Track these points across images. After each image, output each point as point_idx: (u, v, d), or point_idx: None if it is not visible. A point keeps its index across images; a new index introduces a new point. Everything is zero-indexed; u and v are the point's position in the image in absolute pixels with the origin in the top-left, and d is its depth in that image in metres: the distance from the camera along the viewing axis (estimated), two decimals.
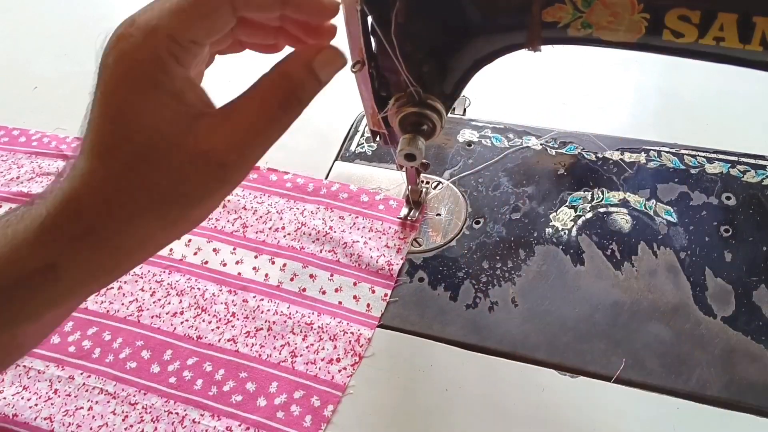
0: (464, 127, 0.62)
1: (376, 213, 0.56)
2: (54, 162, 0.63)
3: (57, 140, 0.65)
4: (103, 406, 0.46)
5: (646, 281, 0.48)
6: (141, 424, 0.45)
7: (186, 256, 0.54)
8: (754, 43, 0.34)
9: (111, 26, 0.32)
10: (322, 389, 0.46)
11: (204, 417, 0.45)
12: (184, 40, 0.31)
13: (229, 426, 0.45)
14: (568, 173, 0.56)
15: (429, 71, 0.40)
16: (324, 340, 0.48)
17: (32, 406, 0.46)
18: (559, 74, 0.69)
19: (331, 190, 0.58)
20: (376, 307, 0.50)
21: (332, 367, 0.47)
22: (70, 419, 0.45)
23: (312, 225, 0.55)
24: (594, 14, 0.35)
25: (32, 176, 0.62)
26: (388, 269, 0.51)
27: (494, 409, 0.43)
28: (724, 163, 0.55)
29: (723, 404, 0.42)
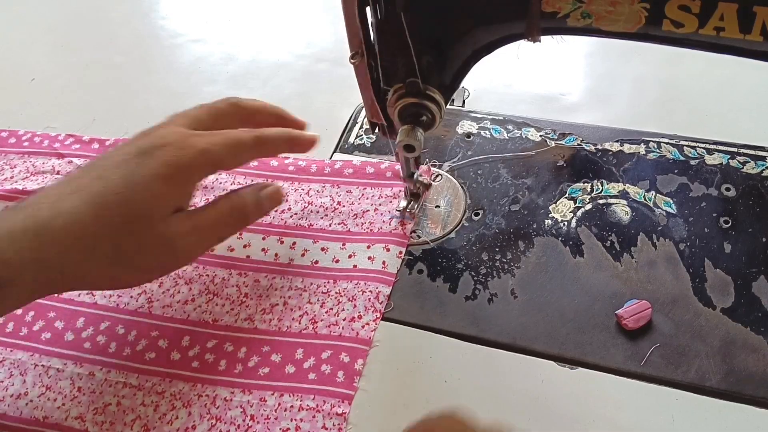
0: (463, 119, 0.61)
1: (385, 181, 0.56)
2: (48, 160, 0.63)
3: (49, 139, 0.65)
4: (131, 399, 0.45)
5: (646, 272, 0.48)
6: (174, 411, 0.44)
7: None
8: (754, 33, 0.33)
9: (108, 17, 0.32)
10: (349, 345, 0.46)
11: (235, 394, 0.45)
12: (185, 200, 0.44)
13: (262, 397, 0.44)
14: (567, 165, 0.56)
15: (428, 62, 0.40)
16: (343, 303, 0.49)
17: (60, 407, 0.45)
18: (558, 65, 0.68)
19: (335, 168, 0.58)
20: (392, 264, 0.50)
21: (355, 324, 0.47)
22: (101, 417, 0.45)
23: (319, 203, 0.55)
24: (594, 4, 0.35)
25: (27, 175, 0.61)
26: (401, 228, 0.52)
27: (493, 401, 0.44)
28: (724, 154, 0.55)
29: (722, 395, 0.42)
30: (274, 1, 0.83)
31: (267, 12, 0.81)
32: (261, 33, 0.77)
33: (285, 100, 0.66)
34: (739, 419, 0.41)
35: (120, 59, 0.75)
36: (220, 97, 0.66)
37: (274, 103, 0.65)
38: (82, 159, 0.62)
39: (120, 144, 0.45)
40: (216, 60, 0.74)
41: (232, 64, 0.73)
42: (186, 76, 0.72)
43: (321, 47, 0.74)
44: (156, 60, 0.75)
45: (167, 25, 0.80)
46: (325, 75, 0.70)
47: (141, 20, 0.82)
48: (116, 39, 0.79)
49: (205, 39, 0.77)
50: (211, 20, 0.80)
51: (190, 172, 0.43)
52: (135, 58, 0.75)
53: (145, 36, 0.79)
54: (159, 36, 0.79)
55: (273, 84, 0.70)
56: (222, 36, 0.77)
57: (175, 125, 0.44)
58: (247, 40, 0.76)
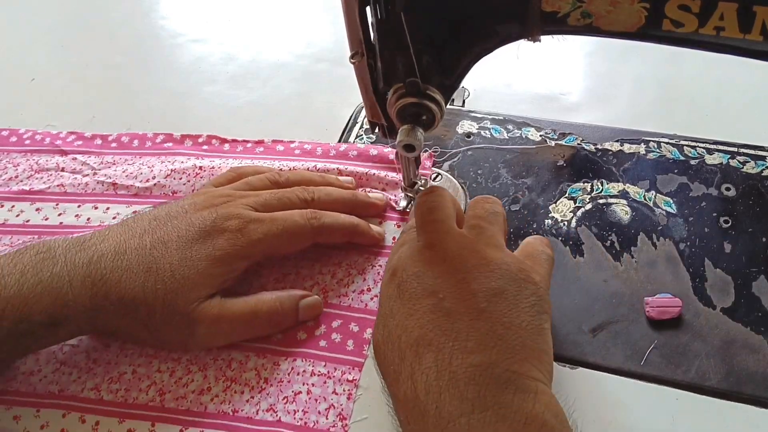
0: (463, 119, 0.61)
1: (388, 164, 0.57)
2: (51, 158, 0.63)
3: (50, 136, 0.65)
4: (147, 367, 0.46)
5: (646, 272, 0.48)
6: (189, 375, 0.45)
7: None
8: (754, 32, 0.33)
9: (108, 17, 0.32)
10: (358, 316, 0.48)
11: (249, 358, 0.46)
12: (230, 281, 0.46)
13: (276, 361, 0.46)
14: (567, 164, 0.56)
15: (428, 62, 0.40)
16: (353, 275, 0.50)
17: (76, 380, 0.46)
18: (558, 65, 0.68)
19: (340, 151, 0.59)
20: None
21: (364, 297, 0.49)
22: (116, 386, 0.45)
23: (331, 168, 0.57)
24: (594, 4, 0.35)
25: (31, 173, 0.61)
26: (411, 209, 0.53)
27: None
28: (724, 154, 0.55)
29: (722, 395, 0.42)
30: (274, 1, 0.83)
31: (267, 12, 0.81)
32: (261, 33, 0.77)
33: (285, 100, 0.66)
34: (740, 419, 0.41)
35: (120, 59, 0.75)
36: (220, 97, 0.67)
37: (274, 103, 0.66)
38: (86, 155, 0.63)
39: (189, 203, 0.47)
40: (216, 60, 0.74)
41: (232, 64, 0.73)
42: (186, 76, 0.72)
43: (321, 47, 0.74)
44: (156, 60, 0.75)
45: (167, 25, 0.80)
46: (325, 75, 0.70)
47: (141, 20, 0.82)
48: (116, 39, 0.79)
49: (205, 39, 0.77)
50: (211, 20, 0.80)
51: (240, 259, 0.45)
52: (135, 58, 0.75)
53: (145, 36, 0.79)
54: (159, 36, 0.79)
55: (273, 84, 0.70)
56: (222, 36, 0.77)
57: (243, 206, 0.47)
58: (247, 40, 0.76)
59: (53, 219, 0.57)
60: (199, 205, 0.47)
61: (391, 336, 0.37)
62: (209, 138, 0.62)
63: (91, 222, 0.57)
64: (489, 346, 0.34)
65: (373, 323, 0.46)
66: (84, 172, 0.61)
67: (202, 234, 0.44)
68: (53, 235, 0.54)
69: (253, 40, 0.76)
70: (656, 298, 0.46)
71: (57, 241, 0.44)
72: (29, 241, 0.56)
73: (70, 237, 0.45)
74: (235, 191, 0.50)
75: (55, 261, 0.42)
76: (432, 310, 0.36)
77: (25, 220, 0.57)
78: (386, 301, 0.39)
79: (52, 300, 0.41)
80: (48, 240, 0.44)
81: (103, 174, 0.60)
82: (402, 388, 0.35)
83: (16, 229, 0.57)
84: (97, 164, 0.62)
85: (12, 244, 0.56)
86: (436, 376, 0.34)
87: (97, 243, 0.44)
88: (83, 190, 0.59)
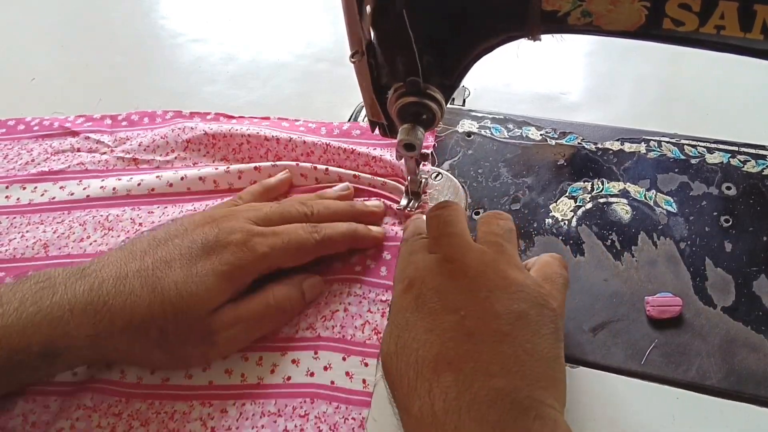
0: (464, 118, 0.61)
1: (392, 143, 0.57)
2: (64, 140, 0.63)
3: (59, 121, 0.65)
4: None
5: (646, 271, 0.48)
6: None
7: None
8: (755, 31, 0.33)
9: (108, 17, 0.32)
10: (390, 245, 0.51)
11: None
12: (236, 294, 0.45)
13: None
14: (567, 164, 0.56)
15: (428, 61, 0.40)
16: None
17: None
18: (558, 64, 0.68)
19: (344, 129, 0.60)
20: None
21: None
22: None
23: (335, 148, 0.58)
24: (594, 3, 0.35)
25: (47, 156, 0.62)
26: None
27: None
28: (725, 153, 0.55)
29: (723, 394, 0.42)
30: (274, 1, 0.83)
31: (267, 12, 0.81)
32: (261, 33, 0.77)
33: (285, 100, 0.66)
34: (740, 418, 0.41)
35: (120, 59, 0.75)
36: (220, 97, 0.67)
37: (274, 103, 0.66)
38: (98, 134, 0.63)
39: (187, 221, 0.47)
40: (216, 60, 0.74)
41: (232, 64, 0.73)
42: (186, 76, 0.72)
43: (321, 47, 0.74)
44: (156, 60, 0.75)
45: (167, 25, 0.80)
46: (325, 75, 0.70)
47: (141, 20, 0.82)
48: (116, 39, 0.79)
49: (205, 39, 0.77)
50: (211, 20, 0.80)
51: (247, 273, 0.45)
52: (135, 58, 0.75)
53: (145, 36, 0.79)
54: (159, 36, 0.79)
55: (273, 84, 0.70)
56: (222, 36, 0.77)
57: (244, 220, 0.47)
58: (247, 40, 0.76)
59: (79, 193, 0.58)
60: (199, 222, 0.46)
61: (407, 349, 0.36)
62: (217, 115, 0.64)
63: (117, 192, 0.57)
64: (512, 371, 0.34)
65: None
66: (101, 150, 0.62)
67: (206, 249, 0.44)
68: (83, 210, 0.56)
69: (253, 40, 0.76)
70: (657, 297, 0.46)
71: (57, 270, 0.43)
72: (59, 216, 0.57)
73: (70, 267, 0.44)
74: (233, 207, 0.50)
75: (54, 290, 0.41)
76: (453, 327, 0.36)
77: (51, 198, 0.58)
78: (401, 312, 0.38)
79: (52, 329, 0.40)
80: (48, 270, 0.43)
81: (121, 150, 0.61)
82: (417, 403, 0.34)
83: (44, 207, 0.58)
84: (112, 141, 0.63)
85: (42, 221, 0.56)
86: (456, 396, 0.33)
87: (97, 270, 0.43)
88: (104, 167, 0.60)
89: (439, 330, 0.36)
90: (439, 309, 0.37)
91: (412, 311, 0.38)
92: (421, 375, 0.35)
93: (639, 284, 0.48)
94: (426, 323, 0.37)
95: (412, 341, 0.36)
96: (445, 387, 0.34)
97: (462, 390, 0.33)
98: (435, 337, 0.36)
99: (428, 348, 0.35)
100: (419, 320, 0.37)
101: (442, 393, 0.33)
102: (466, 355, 0.35)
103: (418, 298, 0.38)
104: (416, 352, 0.36)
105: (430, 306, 0.37)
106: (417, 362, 0.35)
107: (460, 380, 0.34)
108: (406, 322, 0.37)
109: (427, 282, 0.38)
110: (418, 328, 0.37)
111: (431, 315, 0.37)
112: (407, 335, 0.37)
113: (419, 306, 0.38)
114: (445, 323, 0.36)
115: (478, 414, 0.32)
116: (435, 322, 0.36)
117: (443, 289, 0.38)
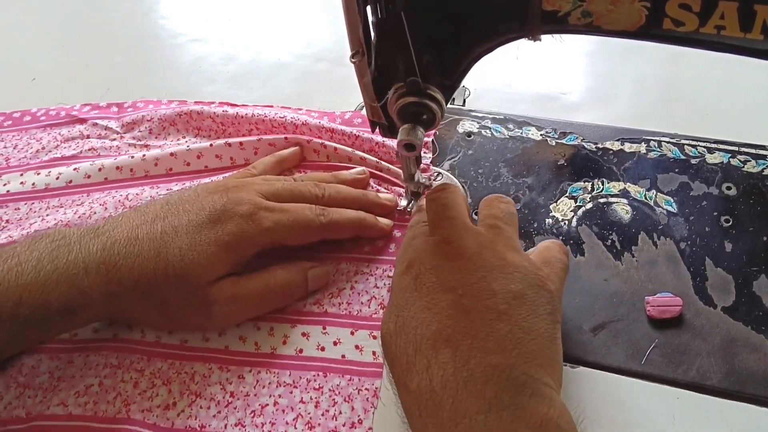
0: (464, 118, 0.61)
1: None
2: (72, 128, 0.64)
3: (65, 110, 0.66)
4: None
5: (647, 271, 0.48)
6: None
7: None
8: (755, 31, 0.33)
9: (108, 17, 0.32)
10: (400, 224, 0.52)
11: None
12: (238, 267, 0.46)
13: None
14: (568, 164, 0.56)
15: (428, 61, 0.40)
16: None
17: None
18: (559, 64, 0.68)
19: (346, 119, 0.61)
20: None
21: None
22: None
23: (340, 132, 0.58)
24: (594, 3, 0.35)
25: (57, 144, 0.62)
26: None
27: None
28: (725, 153, 0.55)
29: (723, 394, 0.42)
30: (274, 1, 0.83)
31: (267, 12, 0.81)
32: (261, 33, 0.77)
33: (285, 100, 0.66)
34: (740, 418, 0.41)
35: (120, 59, 0.75)
36: (220, 97, 0.67)
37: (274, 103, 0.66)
38: (105, 120, 0.64)
39: (201, 187, 0.48)
40: (216, 60, 0.74)
41: (232, 64, 0.73)
42: (186, 76, 0.72)
43: (321, 47, 0.74)
44: (156, 60, 0.75)
45: (167, 25, 0.80)
46: (325, 75, 0.70)
47: (141, 20, 0.82)
48: (116, 39, 0.79)
49: (205, 39, 0.77)
50: (211, 20, 0.80)
51: (249, 245, 0.45)
52: (135, 58, 0.75)
53: (145, 36, 0.79)
54: (159, 36, 0.79)
55: (273, 84, 0.70)
56: (222, 36, 0.77)
57: (255, 192, 0.47)
58: (247, 40, 0.76)
59: (96, 176, 0.58)
60: (212, 189, 0.47)
61: (406, 327, 0.37)
62: (221, 104, 0.65)
63: (135, 173, 0.58)
64: (508, 348, 0.34)
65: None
66: (110, 136, 0.63)
67: (212, 218, 0.45)
68: (102, 191, 0.57)
69: (253, 40, 0.76)
70: (657, 297, 0.46)
71: (72, 229, 0.44)
72: (78, 199, 0.58)
73: (84, 225, 0.45)
74: (247, 177, 0.51)
75: (70, 248, 0.42)
76: (451, 305, 0.36)
77: (67, 182, 0.58)
78: (400, 292, 0.39)
79: (69, 287, 0.41)
80: (63, 228, 0.44)
81: (131, 137, 0.62)
82: (416, 379, 0.34)
83: (62, 192, 0.58)
84: (120, 127, 0.63)
85: (62, 204, 0.57)
86: (453, 372, 0.33)
87: (110, 230, 0.44)
88: (116, 153, 0.61)
89: (437, 308, 0.36)
90: (436, 288, 0.37)
91: (411, 291, 0.38)
92: (420, 351, 0.35)
93: (639, 284, 0.48)
94: (424, 302, 0.37)
95: (411, 319, 0.37)
96: (443, 363, 0.34)
97: (459, 366, 0.34)
98: (433, 315, 0.36)
99: (426, 326, 0.36)
100: (417, 299, 0.37)
101: (439, 369, 0.34)
102: (463, 332, 0.35)
103: (416, 279, 0.38)
104: (415, 330, 0.36)
105: (428, 285, 0.38)
106: (416, 339, 0.36)
107: (457, 356, 0.34)
108: (405, 301, 0.38)
109: (425, 262, 0.39)
110: (417, 307, 0.37)
111: (429, 294, 0.37)
112: (406, 314, 0.37)
113: (418, 286, 0.38)
114: (442, 302, 0.36)
115: (474, 389, 0.33)
116: (433, 300, 0.37)
117: (440, 269, 0.38)
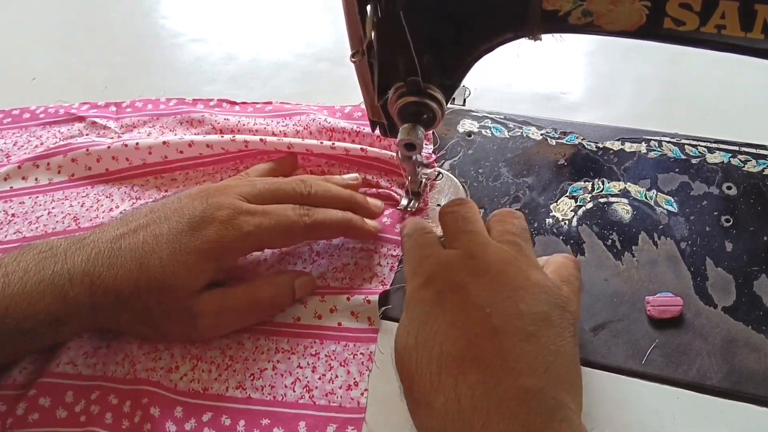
0: (464, 118, 0.61)
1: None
2: (72, 126, 0.64)
3: (64, 108, 0.66)
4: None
5: (647, 271, 0.48)
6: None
7: None
8: (755, 30, 0.33)
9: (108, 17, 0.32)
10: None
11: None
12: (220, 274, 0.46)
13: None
14: (568, 163, 0.56)
15: (429, 61, 0.40)
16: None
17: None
18: (559, 64, 0.68)
19: (345, 113, 0.61)
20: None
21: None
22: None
23: (341, 128, 0.58)
24: (594, 3, 0.35)
25: (56, 141, 0.62)
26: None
27: None
28: (725, 152, 0.55)
29: (723, 394, 0.42)
30: (274, 1, 0.82)
31: (267, 12, 0.81)
32: (261, 33, 0.77)
33: (285, 100, 0.66)
34: (740, 418, 0.41)
35: (120, 59, 0.75)
36: (220, 97, 0.67)
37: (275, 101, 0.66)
38: (104, 119, 0.64)
39: (185, 194, 0.47)
40: (216, 60, 0.74)
41: (232, 64, 0.73)
42: (186, 76, 0.72)
43: (321, 47, 0.74)
44: (156, 60, 0.75)
45: (167, 25, 0.80)
46: (325, 75, 0.70)
47: (141, 20, 0.82)
48: (116, 39, 0.79)
49: (206, 39, 0.77)
50: (211, 20, 0.80)
51: (229, 252, 0.44)
52: (135, 58, 0.75)
53: (145, 36, 0.79)
54: (159, 36, 0.79)
55: (273, 84, 0.70)
56: (222, 36, 0.77)
57: (235, 196, 0.46)
58: (247, 40, 0.76)
59: (97, 168, 0.59)
60: (193, 195, 0.46)
61: (428, 343, 0.36)
62: (220, 101, 0.65)
63: (132, 163, 0.58)
64: (539, 371, 0.34)
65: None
66: (109, 135, 0.63)
67: (192, 225, 0.43)
68: (106, 183, 0.58)
69: (253, 40, 0.76)
70: (657, 297, 0.46)
71: (59, 239, 0.44)
72: (83, 191, 0.58)
73: (71, 237, 0.45)
74: (230, 182, 0.50)
75: (56, 259, 0.42)
76: (478, 324, 0.35)
77: (70, 175, 0.59)
78: (420, 306, 0.38)
79: (55, 298, 0.41)
80: (50, 240, 0.44)
81: (129, 137, 0.62)
82: (441, 398, 0.34)
83: (66, 185, 0.58)
84: (118, 128, 0.63)
85: (67, 197, 0.57)
86: (483, 393, 0.33)
87: (94, 240, 0.44)
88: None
89: (464, 326, 0.35)
90: (462, 305, 0.36)
91: (433, 305, 0.37)
92: (446, 369, 0.34)
93: (639, 284, 0.48)
94: (449, 318, 0.36)
95: (435, 335, 0.36)
96: (472, 383, 0.33)
97: (489, 387, 0.33)
98: (460, 332, 0.35)
99: (452, 343, 0.35)
100: (440, 315, 0.36)
101: (468, 389, 0.33)
102: (493, 352, 0.34)
103: (439, 293, 0.37)
104: (440, 346, 0.35)
105: (453, 301, 0.37)
106: (441, 356, 0.35)
107: (487, 377, 0.33)
108: (427, 315, 0.37)
109: (449, 277, 0.38)
110: (441, 323, 0.36)
111: (454, 310, 0.36)
112: (428, 329, 0.36)
113: (441, 301, 0.37)
114: (469, 319, 0.36)
115: (507, 412, 0.32)
116: (458, 317, 0.36)
117: (467, 285, 0.37)
